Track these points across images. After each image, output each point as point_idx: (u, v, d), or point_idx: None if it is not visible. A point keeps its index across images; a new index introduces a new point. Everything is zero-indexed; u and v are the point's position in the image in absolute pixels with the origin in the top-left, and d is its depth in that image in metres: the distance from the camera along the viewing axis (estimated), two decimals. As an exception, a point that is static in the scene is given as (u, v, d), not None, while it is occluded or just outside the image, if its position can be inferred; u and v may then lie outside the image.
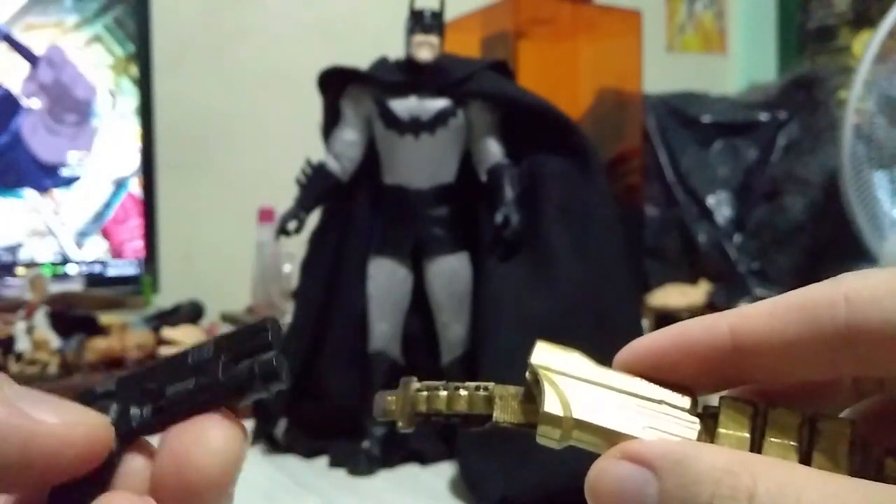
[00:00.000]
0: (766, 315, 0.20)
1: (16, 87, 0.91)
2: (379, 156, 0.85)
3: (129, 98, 0.95)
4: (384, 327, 0.83)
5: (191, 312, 1.17)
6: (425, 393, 0.21)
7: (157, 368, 0.19)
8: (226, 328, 1.44)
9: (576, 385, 0.20)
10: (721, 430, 0.20)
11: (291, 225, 0.82)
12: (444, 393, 0.21)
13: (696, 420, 0.20)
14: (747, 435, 0.20)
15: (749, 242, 1.24)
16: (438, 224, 0.84)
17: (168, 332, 1.12)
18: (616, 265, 0.79)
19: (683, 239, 1.24)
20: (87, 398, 0.19)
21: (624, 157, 1.16)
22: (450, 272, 0.83)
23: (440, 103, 0.82)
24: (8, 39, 0.89)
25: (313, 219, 0.87)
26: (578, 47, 1.08)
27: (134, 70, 0.95)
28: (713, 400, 0.21)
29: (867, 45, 1.17)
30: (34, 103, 0.91)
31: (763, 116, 1.26)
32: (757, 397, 0.21)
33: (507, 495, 0.66)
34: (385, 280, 0.83)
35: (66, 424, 0.18)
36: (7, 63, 0.90)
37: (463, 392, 0.21)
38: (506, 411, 0.21)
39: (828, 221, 1.28)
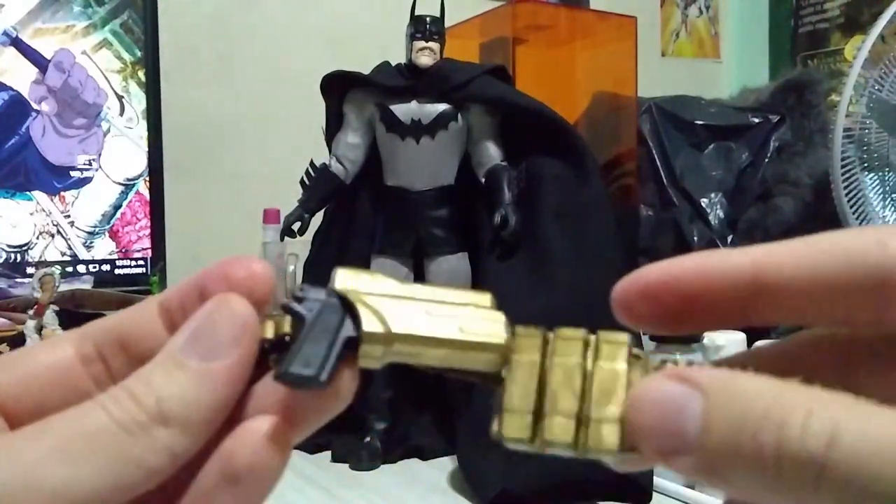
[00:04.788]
0: (794, 253, 0.20)
1: (25, 91, 0.92)
2: (381, 158, 0.86)
3: (137, 102, 0.96)
4: (386, 325, 0.85)
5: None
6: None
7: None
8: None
9: (385, 302, 0.21)
10: (514, 356, 0.21)
11: (296, 226, 0.84)
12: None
13: (502, 315, 0.22)
14: (536, 357, 0.21)
15: (742, 243, 1.25)
16: (438, 225, 0.85)
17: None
18: (612, 265, 0.80)
19: (677, 239, 1.25)
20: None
21: (619, 159, 1.17)
22: (449, 271, 0.84)
23: (440, 107, 0.83)
24: (17, 44, 0.91)
25: (317, 219, 0.88)
26: (575, 52, 1.09)
27: (142, 74, 0.96)
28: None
29: (858, 50, 1.19)
30: (43, 107, 0.93)
31: (755, 119, 1.28)
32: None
33: (506, 488, 0.67)
34: (387, 279, 0.84)
35: None
36: (17, 67, 0.91)
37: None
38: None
39: (819, 222, 1.30)
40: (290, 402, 0.21)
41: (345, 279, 0.22)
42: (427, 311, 0.22)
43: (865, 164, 1.22)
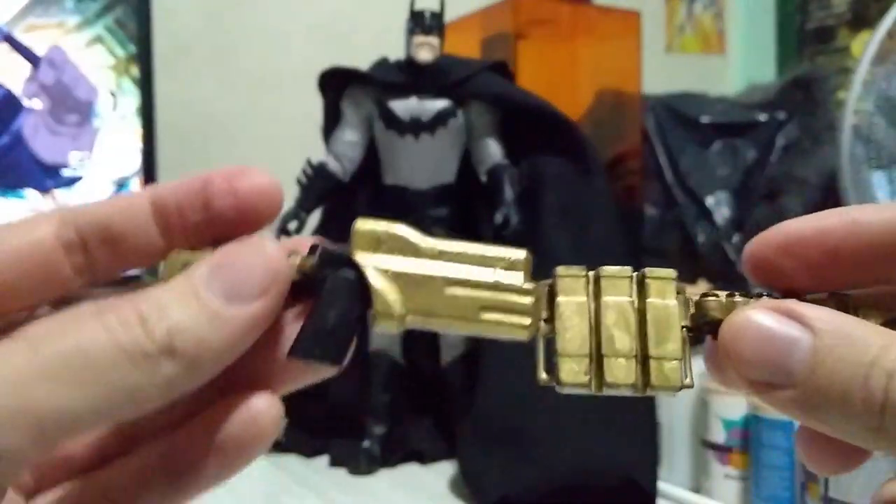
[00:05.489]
0: None
1: (17, 87, 0.91)
2: (379, 156, 0.85)
3: (131, 98, 0.95)
4: (384, 327, 0.83)
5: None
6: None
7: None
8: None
9: (402, 278, 0.21)
10: (560, 298, 0.21)
11: (292, 225, 0.83)
12: None
13: (530, 285, 0.21)
14: (584, 299, 0.21)
15: (748, 243, 1.24)
16: (438, 224, 0.84)
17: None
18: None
19: (682, 239, 1.24)
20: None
21: (623, 157, 1.16)
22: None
23: (440, 104, 0.82)
24: (9, 40, 0.90)
25: (314, 219, 0.87)
26: (578, 48, 1.08)
27: (135, 71, 0.95)
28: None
29: (866, 46, 1.17)
30: (35, 104, 0.92)
31: (762, 117, 1.26)
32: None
33: (506, 494, 0.66)
34: (385, 280, 0.83)
35: None
36: (8, 64, 0.90)
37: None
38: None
39: (826, 221, 1.28)
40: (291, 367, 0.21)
41: (363, 241, 0.21)
42: (447, 284, 0.21)
43: (874, 162, 1.20)
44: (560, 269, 0.22)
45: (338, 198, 0.86)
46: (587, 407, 0.70)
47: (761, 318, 0.19)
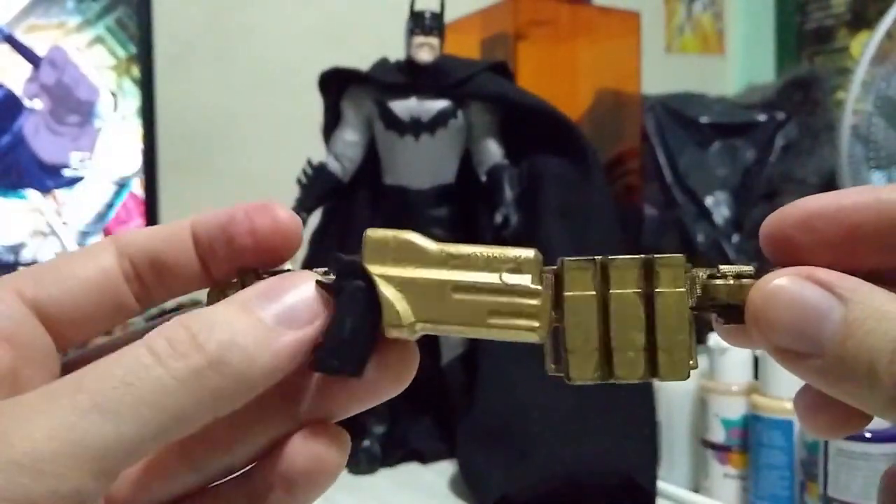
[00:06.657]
0: None
1: (18, 88, 0.91)
2: (379, 156, 0.85)
3: (131, 99, 0.95)
4: (384, 327, 0.83)
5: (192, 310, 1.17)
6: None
7: None
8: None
9: (411, 285, 0.22)
10: (567, 293, 0.21)
11: (292, 225, 0.83)
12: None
13: (539, 289, 0.21)
14: (592, 293, 0.21)
15: (747, 242, 1.24)
16: (438, 224, 0.84)
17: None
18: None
19: (682, 239, 1.24)
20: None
21: (623, 157, 1.16)
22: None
23: (440, 104, 0.82)
24: (10, 40, 0.90)
25: (314, 219, 0.87)
26: (577, 48, 1.08)
27: (136, 71, 0.95)
28: None
29: (865, 46, 1.17)
30: (36, 104, 0.92)
31: (761, 117, 1.26)
32: None
33: (506, 493, 0.67)
34: (385, 280, 0.83)
35: None
36: (9, 64, 0.90)
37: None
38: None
39: (825, 221, 1.28)
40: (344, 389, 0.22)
41: (374, 250, 0.22)
42: (454, 290, 0.21)
43: (872, 163, 1.20)
44: (567, 262, 0.22)
45: (338, 198, 0.86)
46: (587, 406, 0.70)
47: (793, 285, 0.19)
